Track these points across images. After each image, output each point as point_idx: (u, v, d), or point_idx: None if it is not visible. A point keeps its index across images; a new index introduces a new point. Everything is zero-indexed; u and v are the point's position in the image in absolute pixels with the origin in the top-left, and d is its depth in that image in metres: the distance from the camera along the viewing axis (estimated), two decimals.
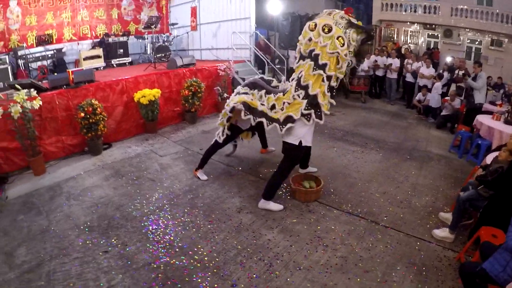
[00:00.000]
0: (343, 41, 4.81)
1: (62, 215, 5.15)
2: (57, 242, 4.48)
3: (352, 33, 4.94)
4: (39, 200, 5.61)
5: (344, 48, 4.82)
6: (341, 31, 4.86)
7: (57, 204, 5.47)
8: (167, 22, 16.14)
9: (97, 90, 7.96)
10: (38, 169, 6.63)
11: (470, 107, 9.36)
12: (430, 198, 5.92)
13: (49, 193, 5.84)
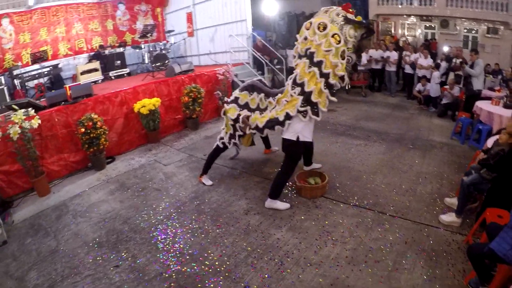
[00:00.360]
0: (338, 38, 4.75)
1: (70, 233, 5.14)
2: (67, 262, 4.47)
3: (349, 29, 4.89)
4: (45, 221, 5.60)
5: (340, 46, 4.77)
6: (337, 28, 4.81)
7: (64, 223, 5.46)
8: (163, 29, 16.17)
9: (96, 104, 7.94)
10: (43, 190, 6.61)
11: (469, 94, 9.45)
12: (435, 185, 5.92)
13: (55, 213, 5.83)
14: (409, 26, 21.62)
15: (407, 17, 21.34)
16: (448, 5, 19.42)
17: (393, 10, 21.51)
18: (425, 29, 21.00)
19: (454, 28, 19.70)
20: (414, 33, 21.39)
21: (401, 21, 21.74)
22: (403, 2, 21.02)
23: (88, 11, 13.59)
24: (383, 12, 21.92)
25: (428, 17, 20.55)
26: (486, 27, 18.81)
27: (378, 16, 22.12)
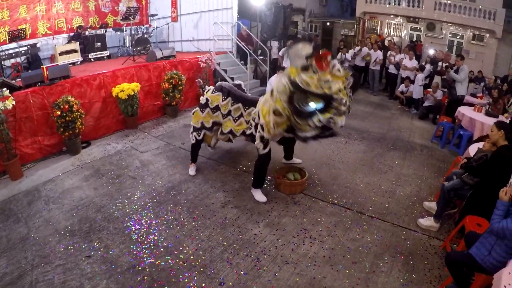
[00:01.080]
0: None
1: (41, 220, 4.99)
2: (38, 250, 4.33)
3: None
4: (17, 207, 5.41)
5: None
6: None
7: (36, 209, 5.29)
8: (146, 13, 15.79)
9: (73, 86, 7.68)
10: (15, 173, 6.38)
11: (452, 99, 9.55)
12: (414, 187, 5.99)
13: (27, 198, 5.64)
14: (396, 26, 21.91)
15: (394, 17, 21.62)
16: (435, 9, 19.83)
17: (381, 9, 21.75)
18: (411, 30, 21.38)
19: (440, 32, 20.11)
20: (400, 34, 21.68)
21: (387, 21, 22.06)
22: (391, 2, 21.31)
23: None
24: (370, 10, 22.15)
25: (415, 19, 20.90)
26: (472, 33, 19.27)
27: (365, 14, 22.33)
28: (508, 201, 3.26)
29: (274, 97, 4.65)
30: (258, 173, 5.40)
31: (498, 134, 4.49)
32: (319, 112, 4.35)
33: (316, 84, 4.22)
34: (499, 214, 3.22)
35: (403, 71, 12.28)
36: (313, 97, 4.30)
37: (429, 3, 19.93)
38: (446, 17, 19.56)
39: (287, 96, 4.41)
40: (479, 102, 9.05)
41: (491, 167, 4.19)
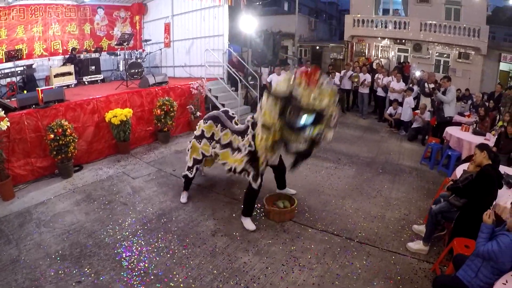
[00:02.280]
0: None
1: (32, 243, 5.01)
2: (28, 273, 4.34)
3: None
4: (8, 228, 5.44)
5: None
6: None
7: (27, 232, 5.31)
8: (140, 38, 16.05)
9: (67, 110, 7.80)
10: (7, 194, 6.42)
11: (440, 121, 9.62)
12: (403, 211, 6.07)
13: (18, 220, 5.67)
14: (383, 48, 22.33)
15: (381, 39, 22.06)
16: (421, 30, 20.34)
17: (368, 32, 22.23)
18: (399, 52, 21.83)
19: (426, 52, 20.59)
20: (388, 55, 22.02)
21: (375, 43, 22.51)
22: (378, 25, 21.73)
23: (67, 12, 13.38)
24: (358, 34, 22.64)
25: (402, 40, 21.31)
26: (458, 52, 19.76)
27: (353, 37, 22.73)
28: (491, 223, 3.39)
29: (263, 111, 4.73)
30: (248, 201, 5.48)
31: (482, 155, 4.60)
32: (309, 126, 4.45)
33: (307, 97, 4.32)
34: (483, 237, 3.35)
35: (391, 94, 12.47)
36: (305, 110, 4.38)
37: (415, 24, 20.47)
38: (432, 37, 20.09)
39: (278, 107, 4.49)
40: (467, 121, 9.26)
41: (476, 186, 4.32)
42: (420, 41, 20.63)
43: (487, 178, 4.28)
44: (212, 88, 11.75)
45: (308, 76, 4.33)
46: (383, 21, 21.71)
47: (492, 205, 3.80)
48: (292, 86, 4.40)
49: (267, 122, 4.68)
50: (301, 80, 4.36)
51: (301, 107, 4.32)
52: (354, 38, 23.02)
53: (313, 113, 4.36)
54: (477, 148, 4.74)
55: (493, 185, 4.30)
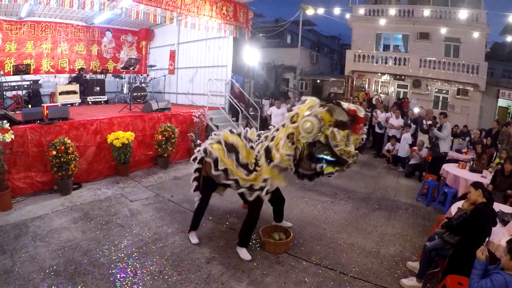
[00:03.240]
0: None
1: (27, 256, 5.03)
2: (21, 285, 4.35)
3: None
4: (3, 238, 5.47)
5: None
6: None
7: (23, 244, 5.34)
8: (145, 63, 16.37)
9: (70, 129, 7.95)
10: (4, 205, 6.49)
11: (435, 156, 9.76)
12: (398, 247, 6.09)
13: (14, 231, 5.71)
14: (383, 84, 22.73)
15: (381, 75, 22.46)
16: (421, 66, 20.83)
17: (369, 67, 22.72)
18: (398, 87, 22.27)
19: (425, 88, 21.02)
20: (387, 91, 22.38)
21: (375, 79, 22.95)
22: (378, 61, 22.11)
23: (76, 32, 13.74)
24: (359, 69, 23.07)
25: (402, 76, 21.64)
26: (457, 88, 20.21)
27: (354, 72, 23.11)
28: (485, 260, 3.47)
29: (294, 125, 4.75)
30: (245, 232, 5.53)
31: (476, 194, 4.69)
32: (326, 163, 4.57)
33: (342, 144, 4.43)
34: (477, 274, 3.42)
35: (390, 130, 12.67)
36: (332, 153, 4.48)
37: (414, 61, 20.95)
38: (431, 73, 20.61)
39: (311, 138, 4.53)
40: (464, 158, 9.44)
41: (470, 224, 4.38)
42: (420, 77, 21.13)
43: (482, 216, 4.36)
44: (213, 117, 11.93)
45: (357, 124, 4.48)
46: (384, 57, 22.26)
47: (486, 241, 3.88)
48: (324, 128, 4.45)
49: (295, 137, 4.77)
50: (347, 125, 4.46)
51: (332, 151, 4.45)
52: (354, 73, 23.50)
53: (337, 156, 4.49)
54: (472, 187, 4.84)
55: (488, 223, 4.38)
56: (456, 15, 20.02)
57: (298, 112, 4.78)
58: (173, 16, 10.48)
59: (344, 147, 4.46)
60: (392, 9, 22.31)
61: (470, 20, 19.99)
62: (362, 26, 23.63)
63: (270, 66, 15.48)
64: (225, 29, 11.85)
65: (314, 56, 31.06)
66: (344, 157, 4.50)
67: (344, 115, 4.50)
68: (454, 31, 20.55)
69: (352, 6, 24.09)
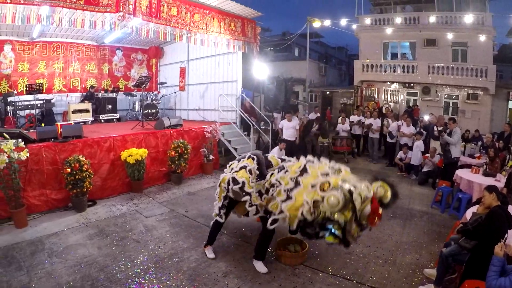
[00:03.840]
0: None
1: (44, 272, 5.05)
2: None
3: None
4: (19, 255, 5.52)
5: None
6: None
7: (39, 260, 5.37)
8: (156, 80, 16.56)
9: (84, 146, 8.05)
10: (20, 222, 6.56)
11: (447, 162, 9.74)
12: (414, 255, 6.03)
13: (30, 248, 5.76)
14: (392, 93, 22.72)
15: (390, 83, 22.47)
16: (429, 72, 20.78)
17: (377, 77, 22.73)
18: (408, 95, 22.24)
19: (435, 94, 20.97)
20: (397, 99, 22.37)
21: (384, 88, 22.94)
22: (387, 70, 22.10)
23: (87, 52, 14.00)
24: (368, 79, 23.09)
25: (411, 84, 21.64)
26: (466, 93, 20.10)
27: (363, 82, 23.12)
28: (503, 256, 3.42)
29: (323, 194, 4.56)
30: (262, 245, 5.50)
31: (490, 197, 4.69)
32: (331, 234, 4.55)
33: (355, 228, 4.41)
34: (495, 270, 3.38)
35: (401, 138, 12.59)
36: (341, 228, 4.43)
37: (423, 68, 20.92)
38: (440, 79, 20.55)
39: (329, 213, 4.41)
40: (477, 163, 9.29)
41: (486, 227, 4.34)
42: (429, 84, 21.09)
43: (497, 219, 4.32)
44: (225, 132, 11.98)
45: (374, 215, 4.39)
46: (392, 66, 22.30)
47: (504, 238, 3.83)
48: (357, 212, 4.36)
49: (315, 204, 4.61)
50: (365, 210, 4.37)
51: (344, 231, 4.43)
52: (363, 83, 23.52)
53: (345, 236, 4.49)
54: (485, 190, 4.84)
55: (503, 226, 4.33)
56: (461, 20, 20.02)
57: (330, 182, 4.65)
58: (182, 33, 10.62)
59: (355, 233, 4.45)
60: (398, 17, 22.35)
61: (476, 23, 19.97)
62: (369, 35, 23.74)
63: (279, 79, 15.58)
64: (234, 44, 11.93)
65: (322, 68, 31.18)
66: (349, 239, 4.50)
67: (368, 206, 4.37)
68: (460, 36, 20.53)
69: (358, 16, 24.24)
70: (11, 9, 7.33)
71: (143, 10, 8.74)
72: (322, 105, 26.49)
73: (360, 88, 23.76)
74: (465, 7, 21.26)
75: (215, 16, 10.81)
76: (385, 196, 4.38)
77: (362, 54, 24.26)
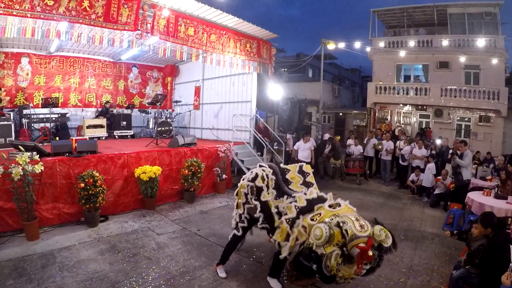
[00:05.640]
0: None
1: (54, 286, 5.04)
2: None
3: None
4: (30, 267, 5.52)
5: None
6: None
7: (50, 274, 5.36)
8: (170, 98, 16.73)
9: (99, 162, 8.10)
10: (32, 234, 6.58)
11: (459, 184, 9.75)
12: (426, 277, 5.97)
13: (41, 261, 5.76)
14: (405, 115, 22.82)
15: (403, 106, 22.57)
16: (442, 95, 20.98)
17: (390, 99, 22.92)
18: (420, 117, 22.34)
19: (447, 117, 21.09)
20: (410, 121, 22.47)
21: (397, 110, 23.09)
22: (400, 92, 22.23)
23: (103, 68, 14.23)
24: (381, 101, 23.16)
25: (423, 106, 21.74)
26: (479, 115, 20.19)
27: (376, 104, 23.18)
28: (510, 285, 3.39)
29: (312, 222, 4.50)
30: (276, 262, 5.44)
31: (486, 231, 4.71)
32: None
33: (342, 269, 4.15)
34: None
35: (413, 160, 12.58)
36: (323, 268, 4.14)
37: (435, 90, 21.11)
38: (453, 102, 20.70)
39: (314, 246, 4.22)
40: (489, 185, 9.30)
41: (491, 260, 4.33)
42: (441, 106, 21.20)
43: (500, 250, 4.33)
44: (238, 152, 12.00)
45: (362, 256, 4.00)
46: (405, 88, 22.51)
47: (509, 267, 3.80)
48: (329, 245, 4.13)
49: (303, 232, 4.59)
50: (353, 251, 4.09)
51: (325, 264, 4.12)
52: (376, 105, 23.60)
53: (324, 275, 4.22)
54: (480, 224, 4.80)
55: (507, 253, 4.32)
56: (474, 43, 20.02)
57: (322, 214, 4.54)
58: (198, 53, 10.75)
59: (341, 272, 4.16)
60: (411, 40, 22.52)
61: (488, 46, 20.06)
62: (382, 58, 23.91)
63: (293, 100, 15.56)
64: (249, 65, 12.05)
65: (336, 89, 31.27)
66: (337, 278, 4.24)
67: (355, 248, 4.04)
68: (473, 58, 20.65)
69: (372, 38, 24.45)
70: (31, 23, 7.52)
71: (160, 29, 8.88)
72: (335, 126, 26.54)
73: (373, 110, 23.81)
74: (477, 30, 21.46)
75: (231, 37, 10.95)
76: (385, 241, 4.21)
77: (375, 76, 24.42)
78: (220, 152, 10.91)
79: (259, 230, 6.75)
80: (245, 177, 5.91)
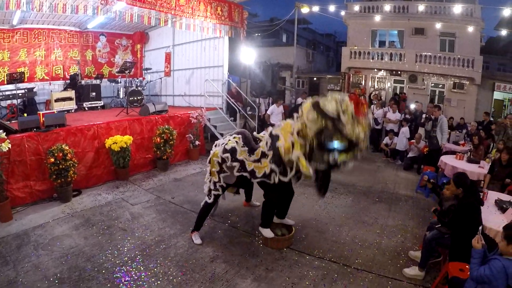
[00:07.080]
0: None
1: (30, 265, 5.00)
2: None
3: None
4: (5, 249, 5.43)
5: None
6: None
7: (25, 254, 5.31)
8: (141, 66, 16.28)
9: (68, 135, 7.90)
10: (5, 216, 6.43)
11: (432, 148, 9.96)
12: (400, 238, 6.12)
13: (16, 242, 5.67)
14: (379, 80, 22.78)
15: (378, 71, 22.52)
16: (417, 61, 20.91)
17: (365, 64, 22.77)
18: (395, 83, 22.38)
19: (422, 83, 21.20)
20: (384, 87, 22.47)
21: (371, 75, 23.00)
22: (375, 57, 22.17)
23: (69, 38, 13.65)
24: (355, 66, 23.08)
25: (398, 72, 21.73)
26: (453, 82, 20.33)
27: (350, 69, 23.15)
28: (481, 248, 3.49)
29: (301, 121, 4.84)
30: (265, 212, 5.62)
31: (458, 191, 4.78)
32: (338, 152, 4.59)
33: (352, 126, 4.46)
34: (475, 263, 3.46)
35: (387, 124, 12.80)
36: (341, 137, 4.52)
37: (410, 56, 21.05)
38: (427, 68, 20.74)
39: (317, 127, 4.60)
40: (461, 150, 9.61)
41: (460, 220, 4.45)
42: (416, 72, 21.20)
43: (469, 211, 4.45)
44: (211, 118, 11.91)
45: (358, 107, 4.47)
46: (379, 53, 22.33)
47: (479, 230, 3.90)
48: (340, 110, 4.49)
49: (304, 133, 4.81)
50: (348, 107, 4.48)
51: (341, 132, 4.46)
52: (351, 70, 23.54)
53: (347, 141, 4.52)
54: (453, 183, 4.86)
55: (477, 214, 4.47)
56: (450, 10, 20.00)
57: (302, 110, 4.84)
58: (167, 18, 10.41)
59: (353, 129, 4.48)
60: (387, 5, 22.32)
61: (464, 15, 20.02)
62: (358, 23, 23.65)
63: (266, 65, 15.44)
64: (220, 29, 11.80)
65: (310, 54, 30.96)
66: (354, 139, 4.53)
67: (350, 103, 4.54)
68: (449, 26, 20.60)
69: (347, 3, 24.11)
70: None
71: None
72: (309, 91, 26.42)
73: (347, 74, 23.72)
74: None
75: (201, 0, 10.64)
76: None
77: (350, 41, 24.20)
78: (192, 118, 10.82)
79: (232, 195, 6.82)
80: (217, 143, 5.88)
